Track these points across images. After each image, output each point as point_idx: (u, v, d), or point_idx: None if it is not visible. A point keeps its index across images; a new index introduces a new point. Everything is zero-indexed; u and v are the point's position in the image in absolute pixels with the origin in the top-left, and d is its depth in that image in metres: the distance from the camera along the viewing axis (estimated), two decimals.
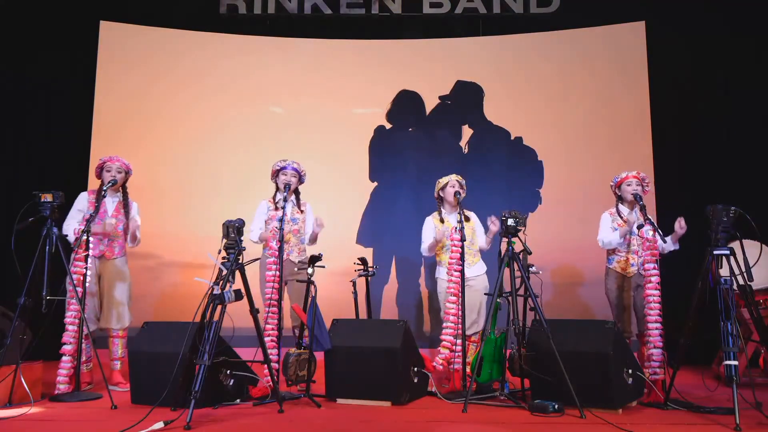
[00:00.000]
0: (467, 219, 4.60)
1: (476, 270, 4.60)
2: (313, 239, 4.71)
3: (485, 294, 4.44)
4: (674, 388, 3.63)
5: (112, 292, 4.42)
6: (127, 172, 4.55)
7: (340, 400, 3.82)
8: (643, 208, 4.12)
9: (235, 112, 6.59)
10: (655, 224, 4.07)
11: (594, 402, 3.40)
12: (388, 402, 3.70)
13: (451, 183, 4.61)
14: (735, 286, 3.37)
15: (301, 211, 4.72)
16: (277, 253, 4.15)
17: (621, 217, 4.42)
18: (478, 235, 4.68)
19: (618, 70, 6.45)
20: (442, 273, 4.60)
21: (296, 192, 4.72)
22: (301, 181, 4.71)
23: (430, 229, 4.68)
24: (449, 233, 4.48)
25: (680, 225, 4.13)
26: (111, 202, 4.50)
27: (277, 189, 4.70)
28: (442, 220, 4.65)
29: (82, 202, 4.46)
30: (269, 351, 3.89)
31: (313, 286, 3.96)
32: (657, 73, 6.30)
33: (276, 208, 4.58)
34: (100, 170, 4.50)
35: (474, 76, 6.70)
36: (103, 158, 4.52)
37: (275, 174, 4.67)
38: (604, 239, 4.44)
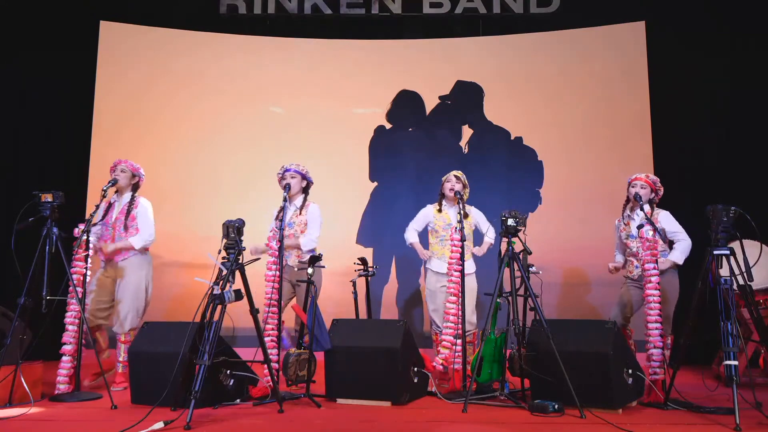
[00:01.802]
0: (466, 215, 4.59)
1: (465, 269, 4.53)
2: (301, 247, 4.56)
3: (485, 294, 4.42)
4: (674, 388, 3.63)
5: (118, 296, 4.41)
6: (134, 175, 4.54)
7: (340, 400, 3.82)
8: (642, 208, 4.11)
9: (235, 112, 6.59)
10: (656, 225, 4.07)
11: (594, 402, 3.40)
12: (388, 402, 3.70)
13: (447, 179, 4.67)
14: (735, 286, 3.37)
15: (300, 214, 4.60)
16: (277, 253, 4.15)
17: (624, 221, 4.41)
18: (475, 230, 4.66)
19: (618, 70, 6.45)
20: (434, 264, 4.65)
21: (305, 193, 4.66)
22: (306, 180, 4.64)
23: (422, 217, 4.78)
24: (449, 229, 4.50)
25: None
26: (118, 206, 4.51)
27: None
28: (440, 210, 4.69)
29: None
30: (269, 351, 3.89)
31: (313, 286, 3.96)
32: (657, 73, 6.30)
33: (279, 212, 4.56)
34: (113, 171, 4.52)
35: (474, 76, 6.70)
36: (116, 160, 4.54)
37: (279, 181, 4.66)
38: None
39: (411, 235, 4.85)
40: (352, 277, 5.16)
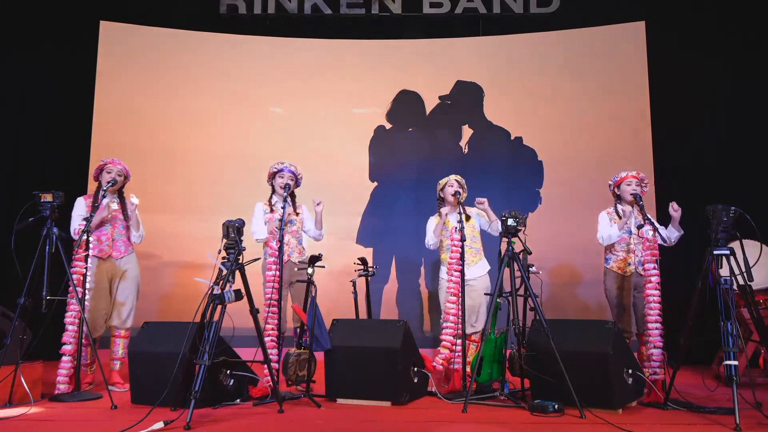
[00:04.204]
0: (468, 218, 4.59)
1: (477, 270, 4.55)
2: (319, 222, 4.70)
3: (485, 294, 4.43)
4: (674, 388, 3.63)
5: (117, 293, 4.43)
6: (126, 177, 4.55)
7: (340, 400, 3.82)
8: (642, 208, 4.12)
9: (235, 112, 6.59)
10: (655, 224, 4.07)
11: (594, 402, 3.40)
12: (388, 402, 3.71)
13: (449, 183, 4.62)
14: (735, 286, 3.38)
15: (297, 213, 4.68)
16: (277, 253, 4.15)
17: (618, 217, 4.42)
18: (479, 229, 4.64)
19: (618, 70, 6.45)
20: (443, 273, 4.61)
21: (292, 195, 4.68)
22: (297, 184, 4.71)
23: (432, 225, 4.70)
24: (448, 233, 4.50)
25: (674, 208, 4.17)
26: (108, 203, 4.49)
27: (273, 191, 4.68)
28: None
29: (82, 207, 4.43)
30: (269, 351, 3.89)
31: (313, 286, 3.96)
32: (657, 73, 6.30)
33: (272, 210, 4.58)
34: (100, 172, 4.48)
35: (474, 76, 6.70)
36: (105, 160, 4.51)
37: (272, 176, 4.67)
38: (604, 234, 4.44)
39: (433, 240, 4.72)
40: (352, 277, 5.16)
